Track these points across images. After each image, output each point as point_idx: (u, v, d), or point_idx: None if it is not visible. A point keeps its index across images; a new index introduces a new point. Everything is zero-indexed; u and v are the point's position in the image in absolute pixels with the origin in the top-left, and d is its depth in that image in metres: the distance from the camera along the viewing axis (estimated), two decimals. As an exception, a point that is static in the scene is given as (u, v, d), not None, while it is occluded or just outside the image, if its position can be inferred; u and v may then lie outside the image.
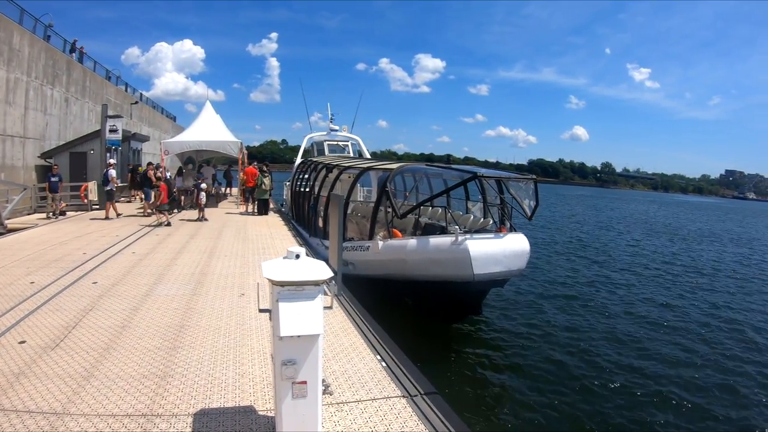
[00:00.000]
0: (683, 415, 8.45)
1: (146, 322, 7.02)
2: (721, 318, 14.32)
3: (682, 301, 16.01)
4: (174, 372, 5.38)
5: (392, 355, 6.19)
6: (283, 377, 3.65)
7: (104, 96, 31.44)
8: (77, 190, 20.31)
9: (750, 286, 19.56)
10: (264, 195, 20.67)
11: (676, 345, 11.77)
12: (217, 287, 9.07)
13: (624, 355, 10.91)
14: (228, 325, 7.02)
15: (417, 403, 5.00)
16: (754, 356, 11.38)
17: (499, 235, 10.81)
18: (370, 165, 14.90)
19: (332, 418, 4.60)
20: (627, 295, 16.48)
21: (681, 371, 10.26)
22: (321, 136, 25.73)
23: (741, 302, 16.54)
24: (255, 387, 5.09)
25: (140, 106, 41.92)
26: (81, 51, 29.43)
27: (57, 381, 5.06)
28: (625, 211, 66.70)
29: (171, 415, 4.49)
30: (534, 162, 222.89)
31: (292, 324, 3.56)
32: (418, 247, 10.44)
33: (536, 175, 12.43)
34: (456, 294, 10.48)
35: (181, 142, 23.84)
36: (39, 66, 22.69)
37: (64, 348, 5.93)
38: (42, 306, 7.59)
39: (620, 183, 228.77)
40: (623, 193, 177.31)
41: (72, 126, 26.29)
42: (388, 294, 11.43)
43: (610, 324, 13.00)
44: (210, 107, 26.51)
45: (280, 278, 3.64)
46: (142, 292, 8.54)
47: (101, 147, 22.01)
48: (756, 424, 8.37)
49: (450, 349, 10.59)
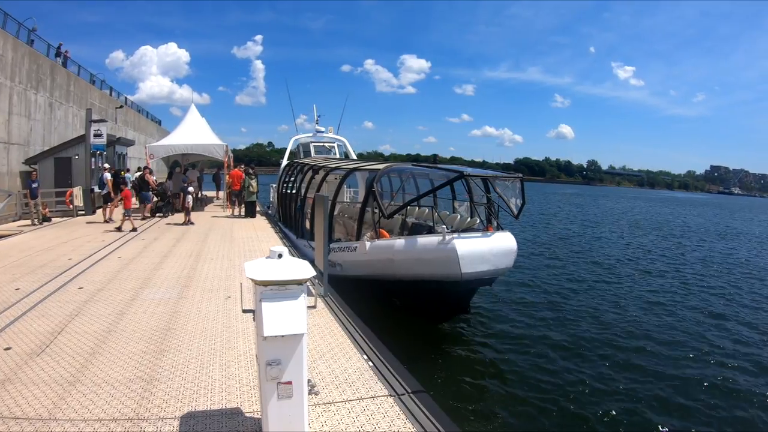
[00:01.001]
0: (674, 413, 8.52)
1: (132, 326, 7.00)
2: (711, 312, 14.48)
3: (668, 296, 16.18)
4: (160, 375, 5.38)
5: (379, 354, 6.21)
6: (268, 378, 3.66)
7: (89, 100, 31.20)
8: (62, 196, 20.17)
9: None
10: (251, 198, 20.59)
11: (663, 340, 11.88)
12: (204, 290, 9.06)
13: (611, 352, 10.98)
14: (214, 327, 7.02)
15: (404, 401, 5.02)
16: (746, 353, 11.46)
17: (486, 234, 10.87)
18: (356, 166, 14.94)
19: (319, 419, 4.61)
20: (614, 291, 16.60)
21: (669, 368, 10.35)
22: (307, 137, 25.73)
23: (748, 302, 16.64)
24: (242, 389, 5.10)
25: (125, 111, 41.62)
26: (65, 55, 29.22)
27: (43, 387, 5.04)
28: (616, 209, 67.02)
29: (157, 418, 4.49)
30: (520, 161, 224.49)
31: (275, 324, 3.56)
32: (405, 246, 10.47)
33: (523, 173, 12.52)
34: (444, 293, 10.55)
35: (166, 146, 23.76)
36: (23, 71, 22.49)
37: (49, 354, 5.91)
38: (27, 312, 7.55)
39: (606, 180, 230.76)
40: (609, 190, 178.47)
41: (56, 131, 26.06)
42: (376, 294, 11.45)
43: (597, 321, 13.07)
44: (195, 110, 26.46)
45: (263, 278, 3.64)
46: (128, 297, 8.51)
47: (86, 152, 21.79)
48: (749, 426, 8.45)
49: (438, 348, 10.61)
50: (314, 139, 25.44)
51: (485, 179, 12.10)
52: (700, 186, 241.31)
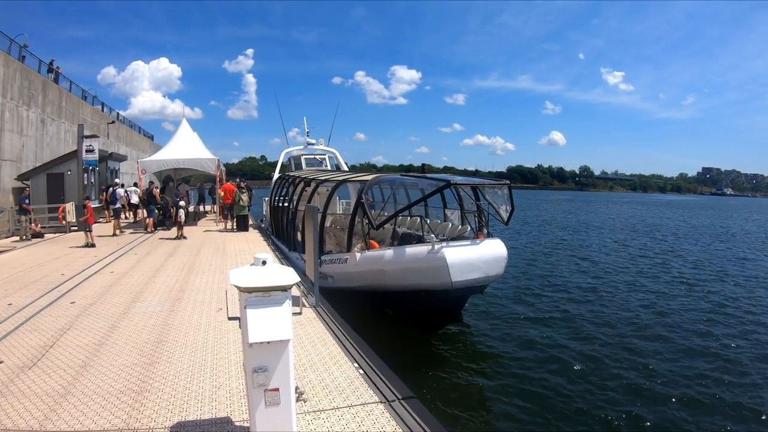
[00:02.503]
0: (661, 412, 8.60)
1: (124, 339, 7.04)
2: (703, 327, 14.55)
3: (658, 298, 16.25)
4: (151, 387, 5.42)
5: (370, 362, 6.26)
6: (255, 385, 3.67)
7: (81, 116, 31.24)
8: (55, 212, 20.16)
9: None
10: (242, 211, 20.59)
11: (652, 341, 11.98)
12: (195, 303, 9.09)
13: (600, 357, 11.04)
14: (205, 339, 7.06)
15: (395, 407, 5.06)
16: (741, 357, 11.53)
17: (475, 241, 10.95)
18: (346, 177, 15.02)
19: (309, 426, 4.65)
20: (605, 297, 16.62)
21: (658, 366, 10.46)
22: (298, 150, 25.79)
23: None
24: (232, 398, 5.15)
25: (117, 126, 41.69)
26: (57, 71, 29.31)
27: (34, 399, 5.08)
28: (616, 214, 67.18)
29: (147, 429, 4.53)
30: (513, 169, 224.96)
31: (260, 330, 3.58)
32: (395, 257, 10.53)
33: (516, 181, 12.75)
34: (435, 302, 10.56)
35: (158, 161, 23.74)
36: (14, 87, 22.55)
37: (41, 367, 5.95)
38: (20, 327, 7.58)
39: (599, 185, 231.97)
40: (602, 195, 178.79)
41: (48, 147, 26.10)
42: (368, 305, 11.51)
43: (586, 327, 13.13)
44: (186, 125, 26.47)
45: (247, 284, 3.67)
46: (119, 311, 8.55)
47: (78, 168, 21.81)
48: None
49: (429, 355, 10.68)
50: (305, 152, 25.52)
51: (474, 187, 12.18)
52: (693, 188, 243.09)
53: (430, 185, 11.75)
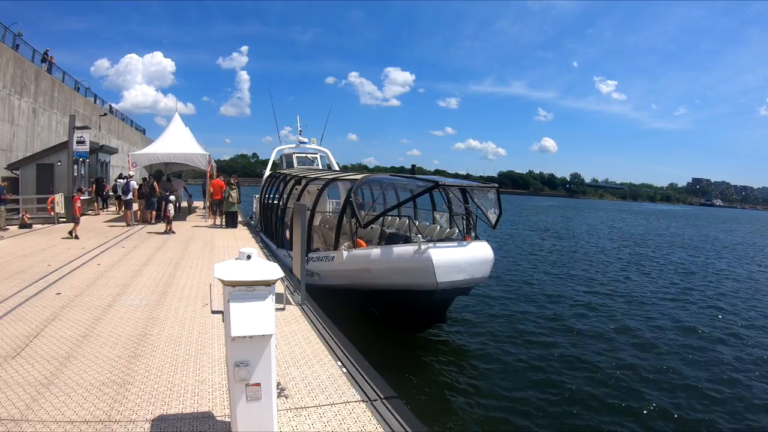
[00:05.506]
0: (647, 417, 8.70)
1: (108, 331, 7.04)
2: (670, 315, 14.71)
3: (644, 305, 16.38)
4: (134, 379, 5.43)
5: (353, 360, 6.30)
6: (237, 379, 3.69)
7: (73, 107, 31.11)
8: (44, 203, 20.04)
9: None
10: (231, 207, 20.54)
11: (639, 345, 12.07)
12: (181, 297, 9.10)
13: (585, 356, 11.17)
14: (190, 333, 7.08)
15: (376, 407, 5.10)
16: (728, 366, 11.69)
17: (462, 243, 11.00)
18: (336, 176, 15.04)
19: (290, 423, 4.68)
20: (590, 300, 16.70)
21: (639, 363, 10.71)
22: (290, 148, 25.76)
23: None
24: (214, 393, 5.17)
25: (109, 118, 41.51)
26: (50, 61, 29.15)
27: (16, 388, 5.08)
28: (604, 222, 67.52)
29: (129, 421, 4.55)
30: (504, 174, 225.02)
31: (243, 324, 3.61)
32: (381, 256, 10.57)
33: (507, 186, 12.86)
34: (420, 302, 10.61)
35: (148, 155, 23.59)
36: (7, 75, 22.46)
37: (24, 357, 5.94)
38: (4, 316, 7.56)
39: (589, 193, 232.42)
40: (592, 202, 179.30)
41: (39, 137, 25.99)
42: (354, 304, 11.54)
43: (571, 328, 13.25)
44: (179, 119, 26.33)
45: (231, 278, 3.69)
46: (105, 303, 8.54)
47: (68, 159, 21.70)
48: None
49: (412, 354, 10.71)
50: (297, 150, 25.48)
51: (463, 189, 12.25)
52: (682, 198, 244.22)
53: (418, 186, 11.78)
